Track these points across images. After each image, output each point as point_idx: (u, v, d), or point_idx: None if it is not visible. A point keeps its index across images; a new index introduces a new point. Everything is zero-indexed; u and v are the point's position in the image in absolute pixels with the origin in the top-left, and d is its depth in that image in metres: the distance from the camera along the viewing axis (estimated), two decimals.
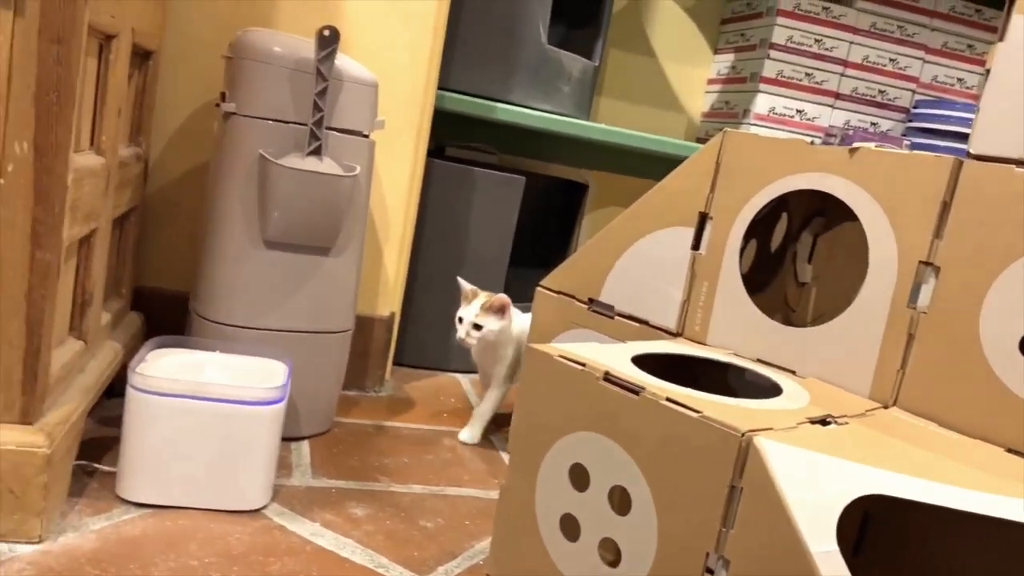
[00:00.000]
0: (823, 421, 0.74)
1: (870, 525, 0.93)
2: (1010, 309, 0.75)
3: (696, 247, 1.00)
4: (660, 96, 2.10)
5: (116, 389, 1.12)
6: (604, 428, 0.76)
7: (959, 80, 2.00)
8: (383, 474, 1.07)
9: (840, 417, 0.76)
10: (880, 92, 1.96)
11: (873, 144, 0.88)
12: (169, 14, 1.23)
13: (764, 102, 1.90)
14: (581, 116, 1.71)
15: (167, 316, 1.23)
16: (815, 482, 0.64)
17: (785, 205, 1.15)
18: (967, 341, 0.77)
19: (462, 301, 1.23)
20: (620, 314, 1.07)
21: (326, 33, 1.02)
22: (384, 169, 1.36)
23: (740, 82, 1.98)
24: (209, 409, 0.87)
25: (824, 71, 1.91)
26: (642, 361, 0.83)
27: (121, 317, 1.15)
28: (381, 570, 0.84)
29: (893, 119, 1.99)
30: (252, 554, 0.82)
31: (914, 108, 1.96)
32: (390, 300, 1.42)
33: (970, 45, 1.99)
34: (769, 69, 1.89)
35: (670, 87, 2.11)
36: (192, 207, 1.29)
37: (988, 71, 0.80)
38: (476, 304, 1.20)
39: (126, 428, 0.88)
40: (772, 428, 0.68)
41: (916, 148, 1.73)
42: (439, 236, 1.54)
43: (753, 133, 0.97)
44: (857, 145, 0.87)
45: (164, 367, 0.93)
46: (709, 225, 0.99)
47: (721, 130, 1.01)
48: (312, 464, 1.06)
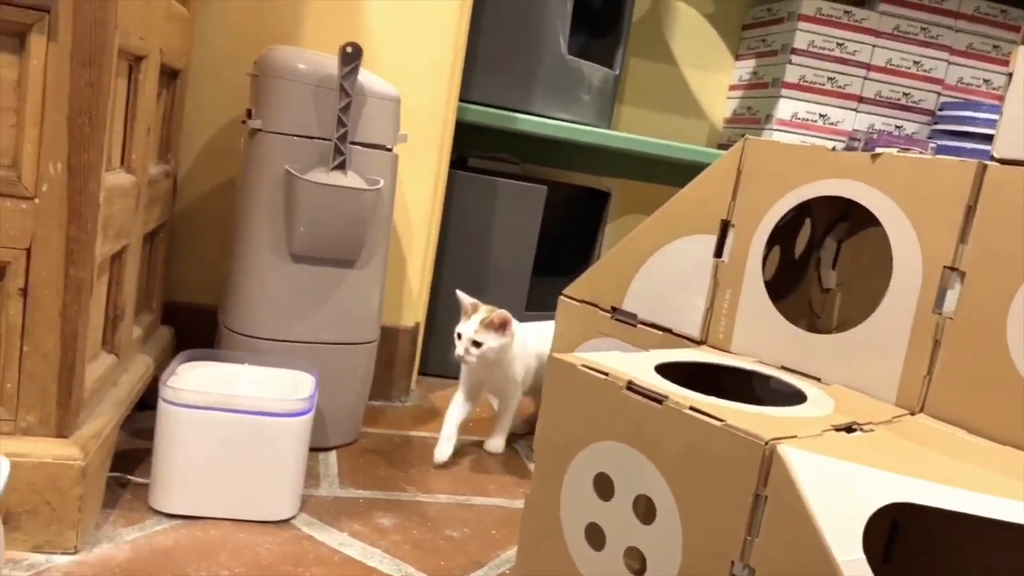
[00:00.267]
0: (848, 428, 0.73)
1: (898, 533, 0.92)
2: None
3: (719, 255, 1.00)
4: (682, 103, 2.10)
5: (148, 402, 1.14)
6: (628, 437, 0.76)
7: (985, 81, 1.98)
8: (410, 484, 1.08)
9: (866, 424, 0.75)
10: (904, 95, 1.95)
11: (896, 148, 0.87)
12: (196, 34, 1.25)
13: (786, 107, 1.89)
14: (602, 125, 1.72)
15: (197, 329, 1.25)
16: (840, 490, 0.64)
17: (808, 211, 1.15)
18: (994, 346, 0.77)
19: (461, 316, 1.15)
20: (643, 322, 1.07)
21: (349, 50, 1.04)
22: (407, 182, 1.37)
23: (762, 87, 1.97)
24: (238, 421, 0.88)
25: (847, 75, 1.90)
26: (666, 370, 0.83)
27: (152, 331, 1.17)
28: None
29: (918, 122, 1.97)
30: (281, 564, 0.83)
31: (940, 110, 1.94)
32: (415, 311, 1.43)
33: (996, 46, 1.96)
34: (791, 74, 1.88)
35: (691, 94, 2.10)
36: (220, 222, 1.31)
37: (1011, 74, 0.79)
38: (475, 319, 1.12)
39: (158, 440, 0.89)
40: (796, 436, 0.68)
41: (942, 151, 1.72)
42: (462, 247, 1.55)
43: (774, 140, 0.97)
44: (879, 151, 0.87)
45: (194, 380, 0.95)
46: (731, 232, 0.99)
47: (743, 136, 1.01)
48: (339, 474, 1.07)
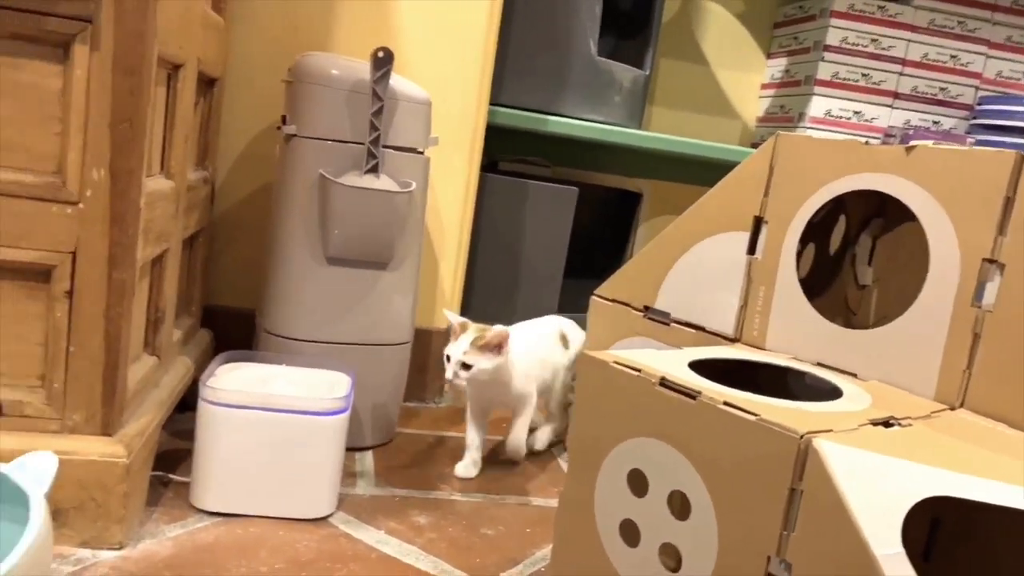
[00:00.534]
0: (886, 423, 0.73)
1: (939, 531, 0.90)
2: None
3: (752, 252, 1.00)
4: (713, 103, 2.09)
5: (188, 403, 1.16)
6: (662, 433, 0.76)
7: None
8: (444, 483, 1.09)
9: (903, 419, 0.74)
10: (941, 90, 1.92)
11: (931, 142, 0.86)
12: (231, 43, 1.28)
13: (820, 105, 1.88)
14: (633, 126, 1.72)
15: (235, 332, 1.27)
16: (878, 484, 0.63)
17: (842, 207, 1.14)
18: None
19: (451, 336, 1.07)
20: (676, 321, 1.07)
21: (380, 55, 1.05)
22: (439, 185, 1.39)
23: (794, 85, 1.96)
24: (277, 420, 0.90)
25: (881, 71, 1.88)
26: (699, 367, 0.83)
27: (192, 334, 1.20)
28: None
29: (956, 117, 1.94)
30: (320, 561, 0.85)
31: (978, 105, 1.91)
32: None
33: None
34: (824, 71, 1.86)
35: (723, 94, 2.09)
36: (256, 228, 1.33)
37: None
38: (464, 340, 1.03)
39: (198, 439, 0.91)
40: (832, 430, 0.67)
41: (981, 145, 1.69)
42: (494, 249, 1.55)
43: (806, 135, 0.96)
44: (914, 143, 0.86)
45: (233, 380, 0.97)
46: (764, 229, 0.99)
47: (775, 134, 1.01)
48: (376, 473, 1.09)
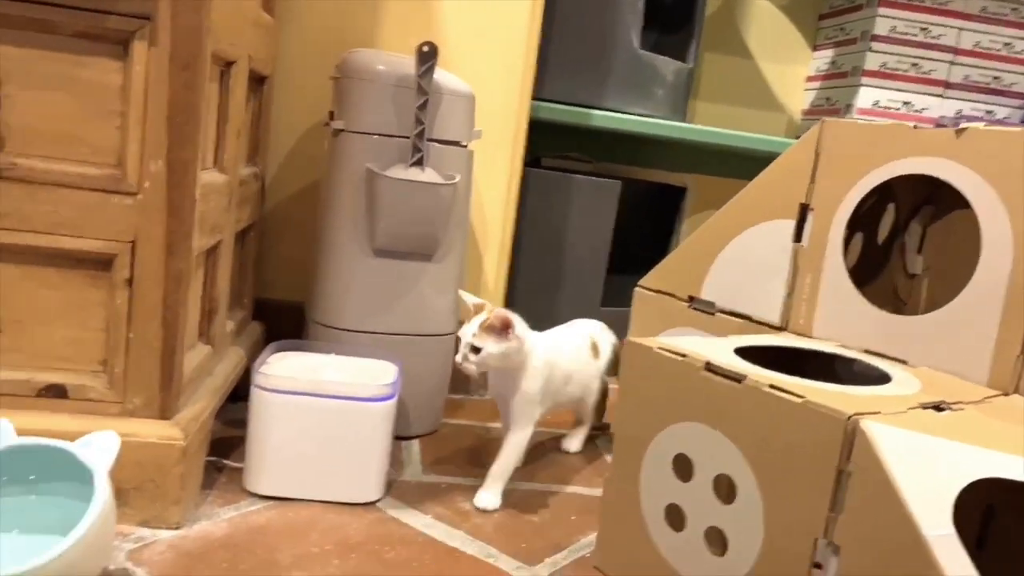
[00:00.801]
0: (937, 407, 0.72)
1: (994, 520, 0.89)
2: None
3: (798, 239, 0.99)
4: (758, 97, 2.07)
5: (240, 394, 1.19)
6: (707, 418, 0.76)
7: None
8: None
9: (955, 403, 0.73)
10: (995, 78, 1.87)
11: (983, 124, 0.85)
12: (280, 42, 1.31)
13: (867, 95, 1.85)
14: (677, 119, 1.71)
15: (285, 325, 1.30)
16: (928, 464, 0.63)
17: (891, 196, 1.12)
18: None
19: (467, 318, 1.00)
20: (722, 310, 1.06)
21: (425, 49, 1.07)
22: (483, 180, 1.40)
23: (841, 77, 1.93)
24: (326, 406, 0.92)
25: (931, 60, 1.84)
26: (745, 354, 0.82)
27: (244, 326, 1.23)
28: (491, 560, 0.87)
29: (1010, 106, 1.89)
30: (368, 543, 0.86)
31: None
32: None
33: None
34: (871, 61, 1.83)
35: (768, 87, 2.07)
36: (305, 223, 1.36)
37: None
38: (476, 322, 0.97)
39: (251, 425, 0.94)
40: (880, 412, 0.66)
41: None
42: (538, 244, 1.56)
43: (852, 121, 0.95)
44: (965, 126, 0.84)
45: (284, 368, 0.99)
46: (810, 216, 0.98)
47: (821, 120, 1.00)
48: (422, 461, 1.10)
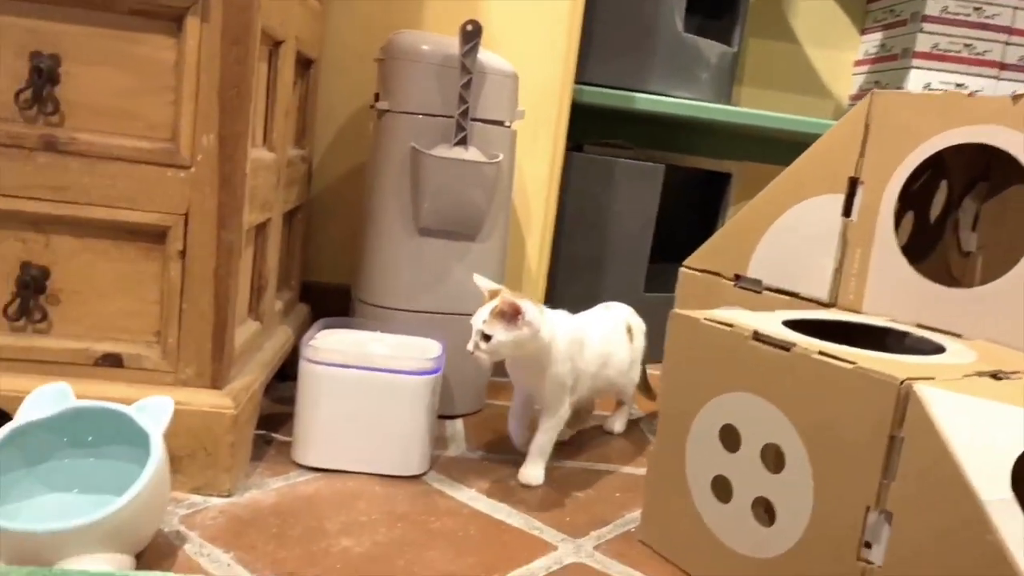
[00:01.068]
0: (994, 375, 0.70)
1: None
2: None
3: (847, 214, 0.97)
4: (804, 82, 2.04)
5: (287, 373, 1.21)
6: (755, 387, 0.76)
7: None
8: None
9: (1012, 372, 0.71)
10: None
11: None
12: (327, 27, 1.33)
13: (918, 78, 1.80)
14: (721, 103, 1.69)
15: (332, 307, 1.32)
16: (985, 429, 0.61)
17: (944, 172, 1.10)
18: None
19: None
20: (768, 288, 1.05)
21: (469, 28, 1.07)
22: (525, 163, 1.40)
23: (891, 60, 1.89)
24: (373, 379, 0.93)
25: (985, 40, 1.79)
26: (792, 327, 0.81)
27: (291, 307, 1.25)
28: (535, 531, 0.87)
29: None
30: (414, 514, 0.87)
31: None
32: (534, 290, 1.46)
33: None
34: (923, 43, 1.79)
35: (814, 72, 2.04)
36: (351, 206, 1.38)
37: None
38: (486, 308, 0.92)
39: (299, 397, 0.95)
40: (935, 378, 0.65)
41: None
42: (580, 228, 1.56)
43: (904, 91, 0.93)
44: (1022, 91, 0.82)
45: (332, 342, 1.01)
46: (860, 190, 0.96)
47: (871, 91, 0.98)
48: (466, 439, 1.11)
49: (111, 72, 0.81)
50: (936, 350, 0.79)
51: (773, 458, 0.74)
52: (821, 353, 0.70)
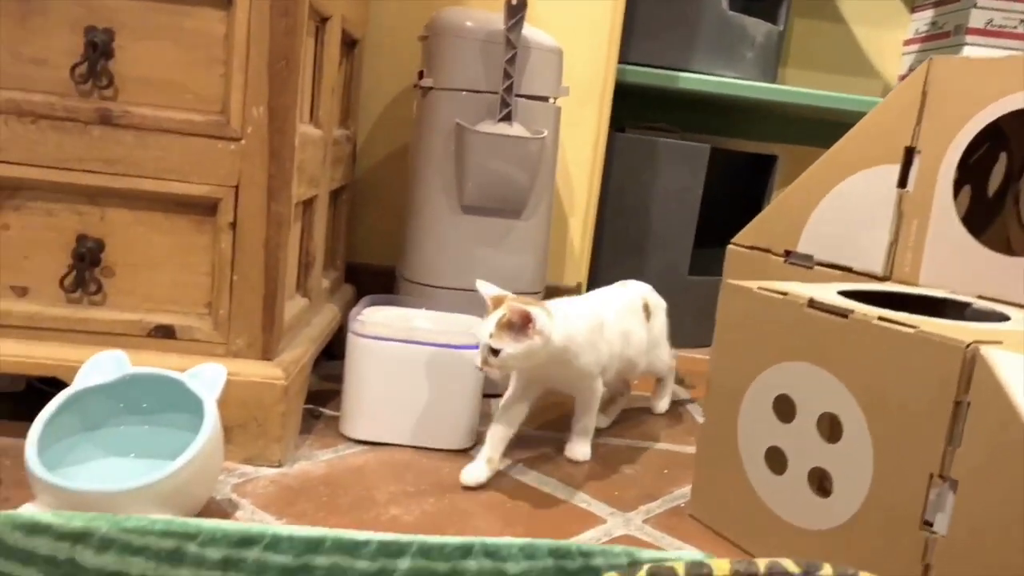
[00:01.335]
0: None
1: None
2: None
3: (903, 184, 0.95)
4: (850, 62, 1.99)
5: (334, 352, 1.22)
6: (811, 356, 0.74)
7: None
8: None
9: None
10: None
11: None
12: (371, 9, 1.33)
13: (972, 55, 1.75)
14: (766, 84, 1.66)
15: (375, 288, 1.32)
16: None
17: (1004, 144, 1.06)
18: None
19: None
20: (820, 263, 1.03)
21: (514, 2, 1.07)
22: (569, 143, 1.39)
23: (943, 37, 1.84)
24: (419, 352, 0.93)
25: None
26: (847, 298, 0.79)
27: (337, 286, 1.25)
28: (583, 504, 0.86)
29: None
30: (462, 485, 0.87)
31: None
32: (577, 270, 1.45)
33: None
34: (976, 19, 1.74)
35: (861, 52, 2.00)
36: (394, 188, 1.39)
37: None
38: (492, 320, 0.84)
39: (347, 370, 0.96)
40: (1002, 342, 0.63)
41: None
42: (623, 209, 1.55)
43: (963, 56, 0.90)
44: None
45: (379, 317, 1.01)
46: (917, 159, 0.94)
47: (928, 58, 0.95)
48: None
49: (163, 45, 0.82)
50: (999, 319, 0.76)
51: (828, 428, 0.73)
52: (880, 319, 0.68)
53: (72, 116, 0.81)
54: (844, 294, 0.80)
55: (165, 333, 0.86)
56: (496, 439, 0.90)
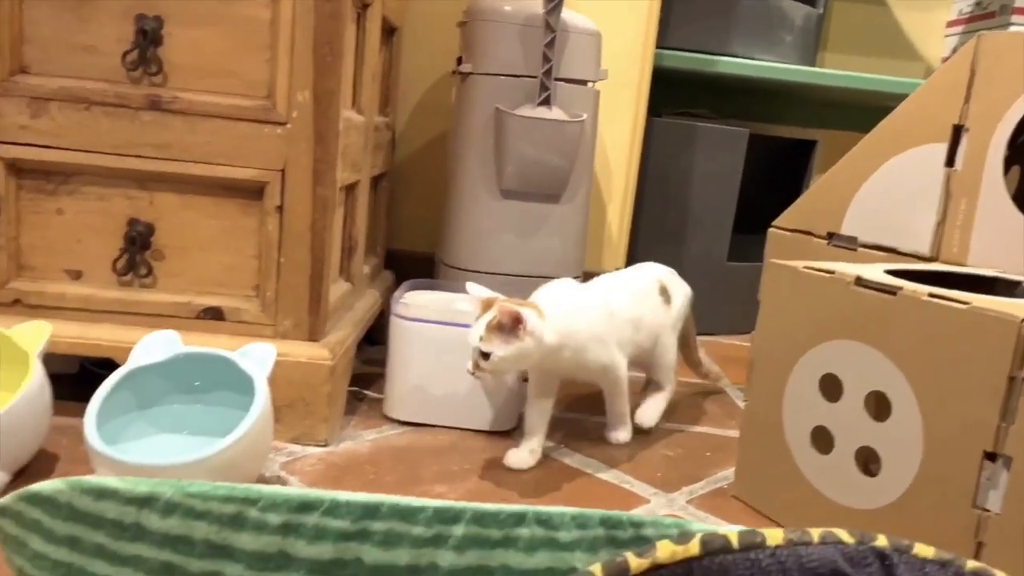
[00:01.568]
0: None
1: None
2: None
3: (950, 163, 0.93)
4: (891, 45, 1.96)
5: (374, 337, 1.23)
6: (858, 334, 0.73)
7: None
8: None
9: None
10: None
11: None
12: None
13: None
14: (806, 66, 1.64)
15: (415, 274, 1.33)
16: None
17: None
18: None
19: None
20: (864, 245, 1.02)
21: None
22: (607, 128, 1.39)
23: (988, 18, 1.80)
24: (461, 334, 0.93)
25: None
26: (895, 277, 0.78)
27: (377, 272, 1.27)
28: (626, 485, 0.86)
29: None
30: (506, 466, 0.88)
31: None
32: (615, 256, 1.45)
33: None
34: None
35: (903, 34, 1.96)
36: (433, 176, 1.39)
37: None
38: (482, 322, 0.81)
39: (390, 353, 0.97)
40: None
41: None
42: (661, 195, 1.54)
43: (1014, 31, 0.89)
44: None
45: (421, 301, 1.02)
46: (965, 138, 0.92)
47: (977, 34, 0.93)
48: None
49: (210, 32, 0.83)
50: None
51: (875, 406, 0.72)
52: (931, 295, 0.67)
53: (123, 102, 0.83)
54: (891, 273, 0.79)
55: (214, 315, 0.88)
56: (534, 428, 0.90)
